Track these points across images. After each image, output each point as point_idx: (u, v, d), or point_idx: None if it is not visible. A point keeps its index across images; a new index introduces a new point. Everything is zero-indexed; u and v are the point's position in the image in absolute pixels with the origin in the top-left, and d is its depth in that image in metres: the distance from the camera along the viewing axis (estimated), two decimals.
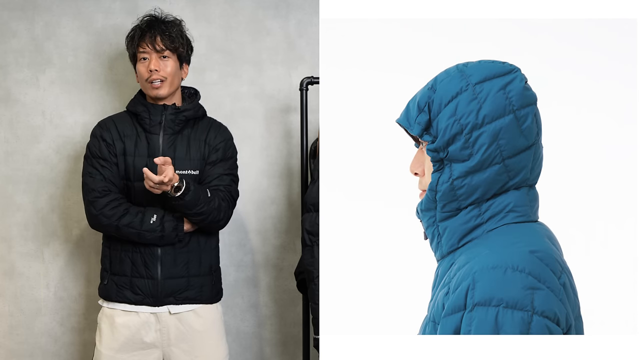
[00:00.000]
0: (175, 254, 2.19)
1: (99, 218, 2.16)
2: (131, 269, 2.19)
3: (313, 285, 2.15)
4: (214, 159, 2.26)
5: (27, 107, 2.62)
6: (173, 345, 2.20)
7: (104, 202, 2.15)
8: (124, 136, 2.23)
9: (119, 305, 2.20)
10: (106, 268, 2.24)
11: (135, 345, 2.19)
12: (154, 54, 2.21)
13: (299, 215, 2.59)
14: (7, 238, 2.62)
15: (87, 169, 2.21)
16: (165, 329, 2.19)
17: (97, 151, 2.21)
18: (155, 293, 2.17)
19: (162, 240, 2.16)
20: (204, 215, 2.15)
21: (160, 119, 2.22)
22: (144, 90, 2.26)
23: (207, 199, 2.15)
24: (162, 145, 2.21)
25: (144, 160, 2.20)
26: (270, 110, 2.70)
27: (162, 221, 2.15)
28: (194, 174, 2.22)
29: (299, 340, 2.66)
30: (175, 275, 2.19)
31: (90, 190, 2.18)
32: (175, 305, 2.20)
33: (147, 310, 2.18)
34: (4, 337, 2.63)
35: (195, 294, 2.22)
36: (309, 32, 2.70)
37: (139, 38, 2.23)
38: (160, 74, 2.20)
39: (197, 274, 2.23)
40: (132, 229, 2.13)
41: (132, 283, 2.18)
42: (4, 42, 2.61)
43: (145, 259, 2.18)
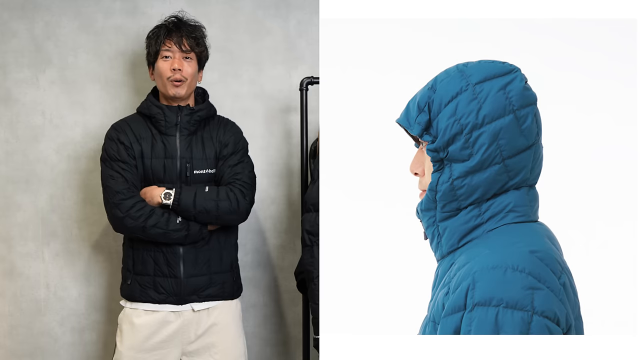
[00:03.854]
0: (197, 252, 2.22)
1: (125, 220, 2.15)
2: (154, 268, 2.20)
3: (313, 285, 2.15)
4: (225, 154, 2.29)
5: (27, 107, 2.62)
6: (194, 342, 2.23)
7: (129, 204, 2.15)
8: (140, 138, 2.23)
9: (141, 305, 2.22)
10: (129, 268, 2.25)
11: (156, 344, 2.20)
12: (178, 54, 2.24)
13: (299, 215, 2.59)
14: (7, 238, 2.62)
15: (107, 172, 2.20)
16: (187, 326, 2.22)
17: (116, 154, 2.21)
18: (179, 291, 2.20)
19: (187, 239, 2.19)
20: (210, 212, 2.18)
21: (176, 120, 2.24)
22: (162, 88, 2.26)
23: (205, 195, 2.18)
24: (180, 146, 2.23)
25: (161, 162, 2.22)
26: (270, 110, 2.70)
27: (188, 222, 2.19)
28: (211, 172, 2.27)
29: (299, 340, 2.66)
30: (197, 273, 2.22)
31: (114, 192, 2.17)
32: (198, 303, 2.23)
33: (169, 309, 2.21)
34: (4, 337, 2.63)
35: (217, 290, 2.26)
36: (309, 32, 2.70)
37: (165, 36, 2.24)
38: (182, 73, 2.23)
39: (219, 270, 2.27)
40: (159, 229, 2.15)
41: (155, 282, 2.20)
42: (4, 42, 2.61)
43: (167, 258, 2.20)
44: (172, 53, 2.24)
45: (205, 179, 2.25)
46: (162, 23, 2.30)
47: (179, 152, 2.23)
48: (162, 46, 2.24)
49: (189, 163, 2.23)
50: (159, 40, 2.25)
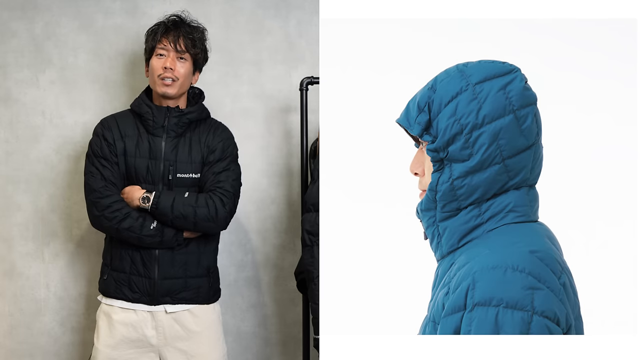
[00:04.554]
0: (174, 255, 2.21)
1: (100, 219, 2.17)
2: (130, 266, 2.20)
3: (313, 285, 2.15)
4: (211, 160, 2.26)
5: (27, 107, 2.62)
6: (169, 344, 2.21)
7: (105, 204, 2.15)
8: (125, 136, 2.22)
9: (117, 302, 2.21)
10: (107, 263, 2.26)
11: (132, 343, 2.19)
12: (172, 53, 2.23)
13: (299, 215, 2.59)
14: (7, 238, 2.62)
15: (88, 168, 2.21)
16: (161, 328, 2.20)
17: (99, 150, 2.21)
18: (152, 292, 2.18)
19: (161, 245, 2.18)
20: (187, 218, 2.15)
21: (163, 121, 2.23)
22: (153, 85, 2.26)
23: (183, 200, 2.16)
24: (165, 148, 2.22)
25: (145, 161, 2.21)
26: (270, 110, 2.70)
27: (163, 227, 2.16)
28: (195, 177, 2.24)
29: (299, 340, 2.66)
30: (172, 275, 2.20)
31: (91, 190, 2.18)
32: (171, 305, 2.21)
33: (144, 309, 2.20)
34: (4, 337, 2.63)
35: (191, 294, 2.23)
36: (309, 32, 2.70)
37: (162, 34, 2.24)
38: (174, 73, 2.22)
39: (195, 275, 2.25)
40: (132, 233, 2.14)
41: (130, 280, 2.20)
42: (4, 42, 2.61)
43: (144, 258, 2.19)
44: (167, 52, 2.23)
45: (188, 183, 2.22)
46: (162, 21, 2.29)
47: (163, 154, 2.21)
48: (157, 44, 2.24)
49: (172, 166, 2.21)
50: (155, 37, 2.24)
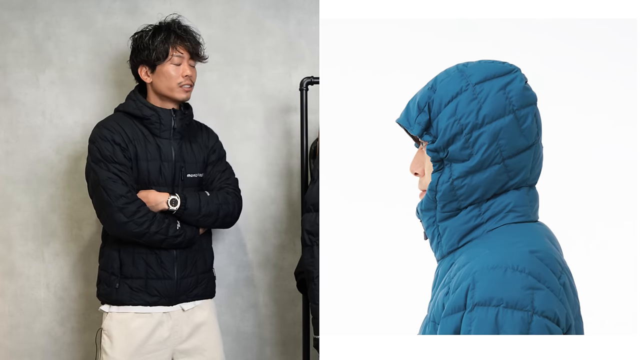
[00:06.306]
0: (187, 254, 2.26)
1: (128, 225, 2.11)
2: (146, 270, 2.19)
3: (313, 285, 2.15)
4: (213, 159, 2.36)
5: (27, 107, 2.62)
6: (184, 341, 2.25)
7: (133, 209, 2.11)
8: (134, 140, 2.19)
9: (132, 309, 2.19)
10: (115, 272, 2.20)
11: (150, 346, 2.20)
12: (188, 60, 2.24)
13: (299, 215, 2.59)
14: (7, 238, 2.62)
15: (105, 174, 2.12)
16: (178, 326, 2.24)
17: (112, 155, 2.14)
18: (172, 293, 2.22)
19: (181, 245, 2.22)
20: (212, 216, 2.25)
21: (172, 123, 2.23)
22: (170, 92, 2.22)
23: (208, 199, 2.24)
24: (174, 150, 2.24)
25: (157, 164, 2.21)
26: (270, 110, 2.70)
27: (184, 227, 2.22)
28: (200, 176, 2.31)
29: (299, 340, 2.66)
30: (188, 274, 2.26)
31: (117, 196, 2.10)
32: (186, 303, 2.26)
33: (160, 310, 2.21)
34: (4, 337, 2.63)
35: (202, 290, 2.31)
36: (309, 32, 2.70)
37: (176, 40, 2.21)
38: (192, 79, 2.25)
39: (203, 271, 2.33)
40: (160, 235, 2.16)
41: (147, 285, 2.19)
42: (4, 42, 2.61)
43: (161, 259, 2.20)
44: (183, 59, 2.23)
45: (195, 183, 2.29)
46: (162, 25, 2.25)
47: (174, 156, 2.23)
48: (172, 50, 2.20)
49: (183, 167, 2.25)
50: (168, 42, 2.20)
